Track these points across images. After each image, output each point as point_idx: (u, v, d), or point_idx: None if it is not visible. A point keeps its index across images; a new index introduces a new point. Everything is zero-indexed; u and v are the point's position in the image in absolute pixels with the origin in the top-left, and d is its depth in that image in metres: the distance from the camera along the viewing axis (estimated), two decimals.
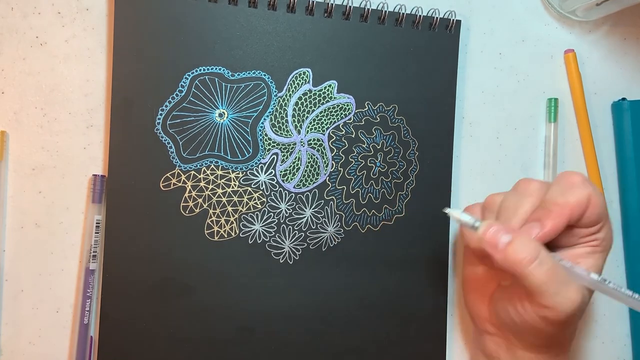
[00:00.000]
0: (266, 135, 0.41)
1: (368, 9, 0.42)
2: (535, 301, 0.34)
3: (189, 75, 0.39)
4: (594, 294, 0.49)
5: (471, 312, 0.42)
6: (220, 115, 0.40)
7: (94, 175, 0.39)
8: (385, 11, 0.42)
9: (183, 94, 0.39)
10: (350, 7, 0.41)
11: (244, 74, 0.40)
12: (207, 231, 0.40)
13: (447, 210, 0.37)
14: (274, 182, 0.41)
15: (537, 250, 0.33)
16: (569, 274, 0.34)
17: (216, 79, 0.40)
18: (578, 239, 0.35)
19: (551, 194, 0.35)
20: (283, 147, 0.41)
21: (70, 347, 0.39)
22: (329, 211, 0.42)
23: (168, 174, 0.39)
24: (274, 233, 0.41)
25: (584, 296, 0.34)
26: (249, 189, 0.41)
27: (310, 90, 0.42)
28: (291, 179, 0.41)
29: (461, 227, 0.43)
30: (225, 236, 0.40)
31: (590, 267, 0.35)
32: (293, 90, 0.41)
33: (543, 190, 0.36)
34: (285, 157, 0.41)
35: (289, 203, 0.41)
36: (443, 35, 0.44)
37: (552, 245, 0.36)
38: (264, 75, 0.41)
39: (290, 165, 0.41)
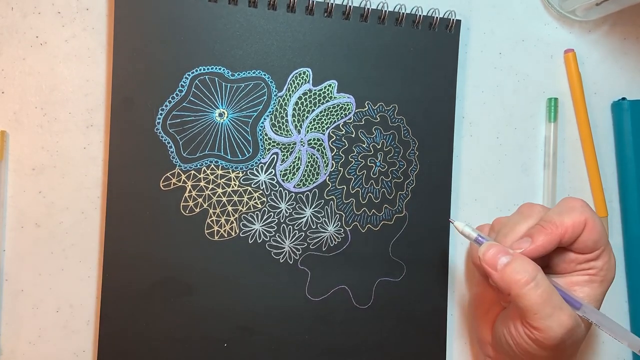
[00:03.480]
0: (266, 135, 0.41)
1: (368, 9, 0.42)
2: (528, 323, 0.34)
3: (189, 75, 0.39)
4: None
5: (477, 335, 0.42)
6: (220, 115, 0.40)
7: None
8: (385, 11, 0.42)
9: (183, 93, 0.39)
10: (350, 7, 0.42)
11: (244, 74, 0.40)
12: (207, 231, 0.40)
13: (452, 221, 0.38)
14: (274, 182, 0.41)
15: (534, 272, 0.34)
16: (565, 300, 0.34)
17: (216, 78, 0.40)
18: (575, 265, 0.35)
19: (548, 214, 0.36)
20: (283, 146, 0.41)
21: None
22: (329, 211, 0.42)
23: (168, 174, 0.39)
24: (274, 233, 0.41)
25: (577, 323, 0.34)
26: (249, 188, 0.41)
27: (310, 90, 0.42)
28: (291, 179, 0.41)
29: (470, 246, 0.43)
30: (225, 236, 0.40)
31: (585, 296, 0.35)
32: (293, 90, 0.41)
33: (543, 212, 0.37)
34: (285, 157, 0.41)
35: (289, 203, 0.41)
36: (443, 35, 0.44)
37: (550, 271, 0.37)
38: (264, 75, 0.41)
39: (290, 165, 0.41)
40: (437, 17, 0.43)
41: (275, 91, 0.41)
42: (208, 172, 0.40)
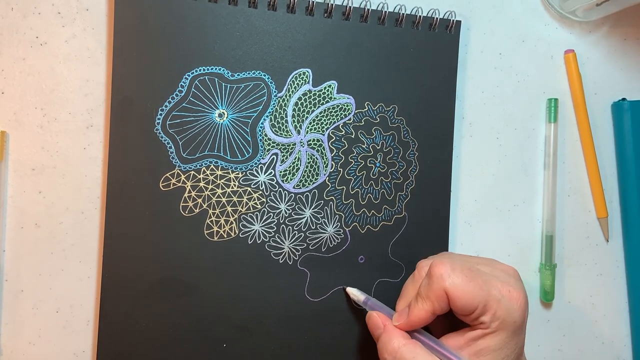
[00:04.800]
0: (266, 135, 0.41)
1: (368, 9, 0.42)
2: None
3: (189, 75, 0.39)
4: (596, 296, 0.49)
5: None
6: (220, 115, 0.40)
7: None
8: (385, 11, 0.42)
9: (183, 94, 0.39)
10: (350, 7, 0.41)
11: (244, 74, 0.40)
12: (207, 231, 0.40)
13: (344, 288, 0.42)
14: (273, 183, 0.41)
15: (393, 352, 0.35)
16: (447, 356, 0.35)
17: (216, 79, 0.40)
18: (469, 321, 0.35)
19: (422, 284, 0.37)
20: (283, 147, 0.41)
21: None
22: (328, 211, 0.42)
23: (168, 174, 0.39)
24: (273, 233, 0.41)
25: None
26: (249, 189, 0.41)
27: (310, 91, 0.42)
28: (291, 179, 0.41)
29: None
30: (225, 236, 0.40)
31: (485, 348, 0.35)
32: (293, 91, 0.41)
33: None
34: (284, 158, 0.41)
35: (288, 203, 0.41)
36: (443, 36, 0.44)
37: (459, 324, 0.37)
38: (264, 75, 0.41)
39: (290, 166, 0.41)
40: (437, 18, 0.43)
41: (275, 92, 0.41)
42: (208, 172, 0.40)
